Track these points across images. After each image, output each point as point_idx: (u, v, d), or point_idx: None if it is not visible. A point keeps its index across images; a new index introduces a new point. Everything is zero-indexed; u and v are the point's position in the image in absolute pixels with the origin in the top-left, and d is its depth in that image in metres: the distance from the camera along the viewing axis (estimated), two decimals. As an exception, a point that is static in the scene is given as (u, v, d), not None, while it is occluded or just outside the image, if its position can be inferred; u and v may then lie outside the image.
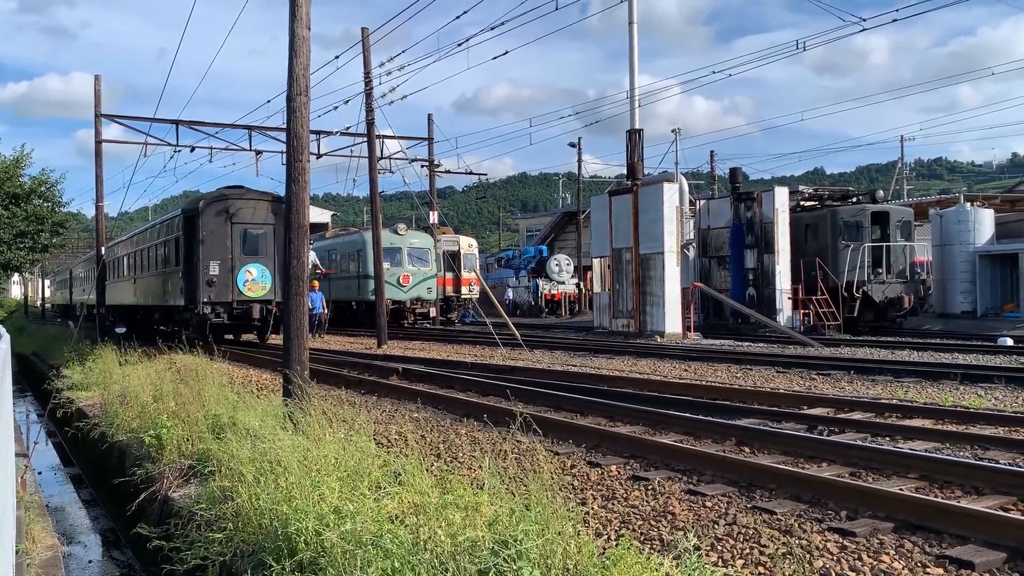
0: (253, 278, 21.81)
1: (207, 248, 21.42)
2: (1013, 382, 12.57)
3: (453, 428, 10.02)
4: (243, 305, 21.69)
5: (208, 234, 21.47)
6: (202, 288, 21.21)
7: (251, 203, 22.24)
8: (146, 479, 9.01)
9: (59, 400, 16.16)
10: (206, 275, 21.24)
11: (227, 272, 21.55)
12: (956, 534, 5.39)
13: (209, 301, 21.31)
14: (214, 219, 21.65)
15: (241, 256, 21.84)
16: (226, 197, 22.23)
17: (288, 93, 10.61)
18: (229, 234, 21.76)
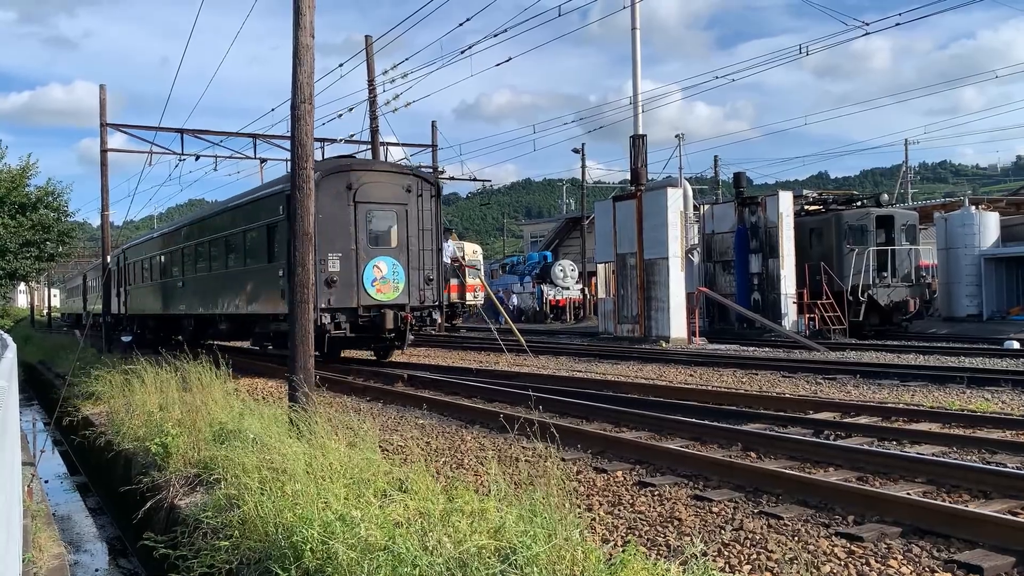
0: (383, 275, 16.99)
1: (325, 236, 16.24)
2: (1020, 385, 12.53)
3: (459, 434, 10.01)
4: (371, 311, 16.86)
5: (325, 217, 16.03)
6: (320, 290, 16.13)
7: (379, 176, 17.39)
8: (152, 487, 9.02)
9: (66, 408, 16.19)
10: (324, 272, 16.17)
11: (351, 268, 16.56)
12: (964, 538, 5.36)
13: (329, 307, 16.25)
14: (332, 197, 16.42)
15: (368, 247, 16.86)
16: (348, 168, 17.09)
17: (292, 101, 10.65)
18: (352, 217, 16.63)
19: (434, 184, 17.90)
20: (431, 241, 17.62)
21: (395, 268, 17.17)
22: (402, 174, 17.85)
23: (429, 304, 17.54)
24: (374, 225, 17.19)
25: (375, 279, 16.92)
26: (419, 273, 17.37)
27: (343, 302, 16.49)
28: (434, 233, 17.72)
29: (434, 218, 17.74)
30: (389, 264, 17.11)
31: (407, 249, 17.30)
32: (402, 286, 17.21)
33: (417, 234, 17.42)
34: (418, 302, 17.26)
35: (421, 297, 17.34)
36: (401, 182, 17.47)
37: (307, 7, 10.48)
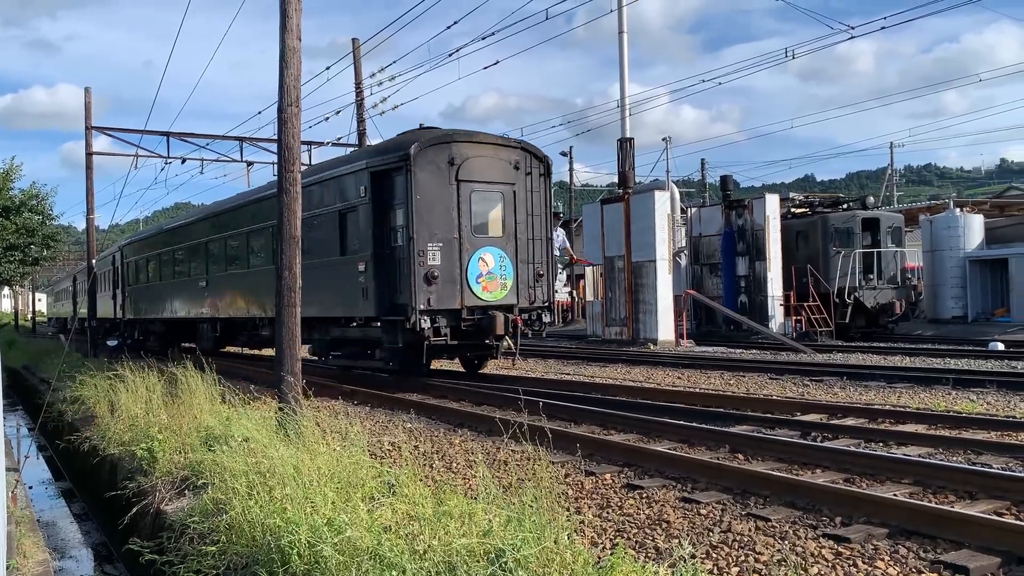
0: (489, 270, 14.22)
1: (424, 221, 13.54)
2: (1005, 386, 12.62)
3: (447, 438, 9.99)
4: (476, 314, 14.09)
5: (423, 199, 13.57)
6: (418, 287, 13.36)
7: (484, 150, 14.59)
8: (138, 492, 8.96)
9: (50, 413, 16.08)
10: (423, 266, 13.45)
11: (453, 261, 13.86)
12: (950, 539, 5.39)
13: (428, 308, 13.46)
14: (431, 174, 13.79)
15: (471, 236, 14.17)
16: (449, 139, 14.23)
17: (279, 104, 10.62)
18: (455, 199, 13.91)
19: (543, 160, 15.29)
20: (541, 229, 15.17)
21: (502, 261, 14.49)
22: (509, 147, 14.95)
23: (539, 304, 15.04)
24: (478, 209, 14.40)
25: (480, 274, 14.18)
26: (528, 267, 14.82)
27: (445, 302, 13.72)
28: (544, 219, 15.24)
29: (544, 201, 15.31)
30: (496, 256, 14.38)
31: (515, 238, 14.63)
32: (510, 283, 14.52)
33: (526, 220, 14.82)
34: (527, 302, 14.77)
35: (530, 296, 14.87)
36: (508, 157, 14.71)
37: (294, 10, 10.47)
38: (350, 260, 14.87)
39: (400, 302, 13.81)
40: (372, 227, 14.26)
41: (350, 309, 15.04)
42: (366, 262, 14.30)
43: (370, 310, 14.35)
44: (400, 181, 13.80)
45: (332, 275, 15.38)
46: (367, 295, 14.28)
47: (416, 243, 13.45)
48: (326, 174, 16.31)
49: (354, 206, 14.84)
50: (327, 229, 15.77)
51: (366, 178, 14.35)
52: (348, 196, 15.07)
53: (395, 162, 13.91)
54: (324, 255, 15.71)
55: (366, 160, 14.63)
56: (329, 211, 15.76)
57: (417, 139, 13.80)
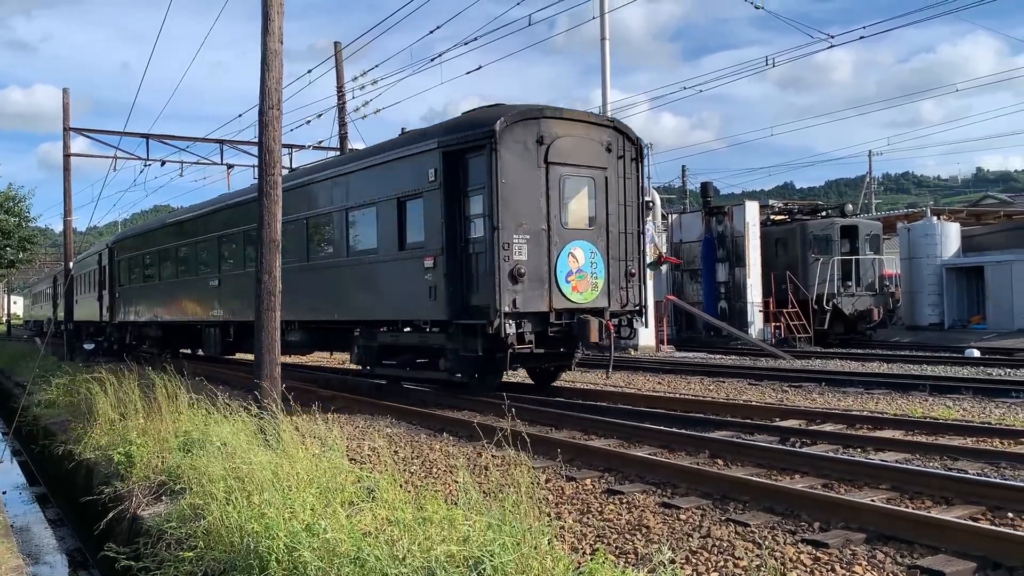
0: (579, 268, 12.43)
1: (509, 210, 11.67)
2: (980, 393, 12.75)
3: (427, 443, 9.96)
4: (564, 318, 12.28)
5: (509, 184, 11.71)
6: (502, 286, 11.49)
7: (574, 128, 12.68)
8: (115, 497, 8.87)
9: (25, 418, 15.89)
10: (508, 261, 11.61)
11: (541, 257, 12.02)
12: (927, 544, 5.43)
13: (514, 311, 11.63)
14: (518, 155, 11.92)
15: (561, 228, 12.31)
16: (538, 114, 12.29)
17: (260, 107, 10.57)
18: (543, 185, 12.10)
19: (636, 142, 13.47)
20: (633, 220, 13.38)
21: (593, 257, 12.63)
22: (601, 126, 13.21)
23: (630, 308, 13.29)
24: (568, 196, 12.56)
25: (570, 272, 12.30)
26: (620, 265, 13.05)
27: (531, 304, 11.89)
28: (636, 210, 13.45)
29: (636, 189, 13.50)
30: (586, 252, 12.55)
31: (606, 231, 12.87)
32: (601, 283, 12.68)
33: (617, 211, 13.05)
34: (618, 305, 12.98)
35: (621, 298, 13.08)
36: (600, 137, 12.92)
37: (276, 12, 10.44)
38: (412, 256, 12.96)
39: (477, 303, 11.99)
40: (444, 216, 12.22)
41: (410, 311, 13.12)
42: (435, 257, 12.33)
43: (439, 313, 12.34)
44: (480, 162, 11.92)
45: (384, 274, 13.75)
46: (435, 295, 12.30)
47: (500, 235, 11.52)
48: (375, 159, 14.23)
49: (417, 193, 12.88)
50: (378, 221, 13.89)
51: (437, 159, 12.35)
52: (410, 181, 13.10)
53: (475, 140, 11.90)
54: (372, 251, 14.07)
55: (437, 139, 12.53)
56: (381, 201, 13.78)
57: (501, 114, 11.87)
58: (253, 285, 17.20)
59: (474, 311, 12.02)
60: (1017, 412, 11.07)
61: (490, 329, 11.51)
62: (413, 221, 13.18)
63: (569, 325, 12.30)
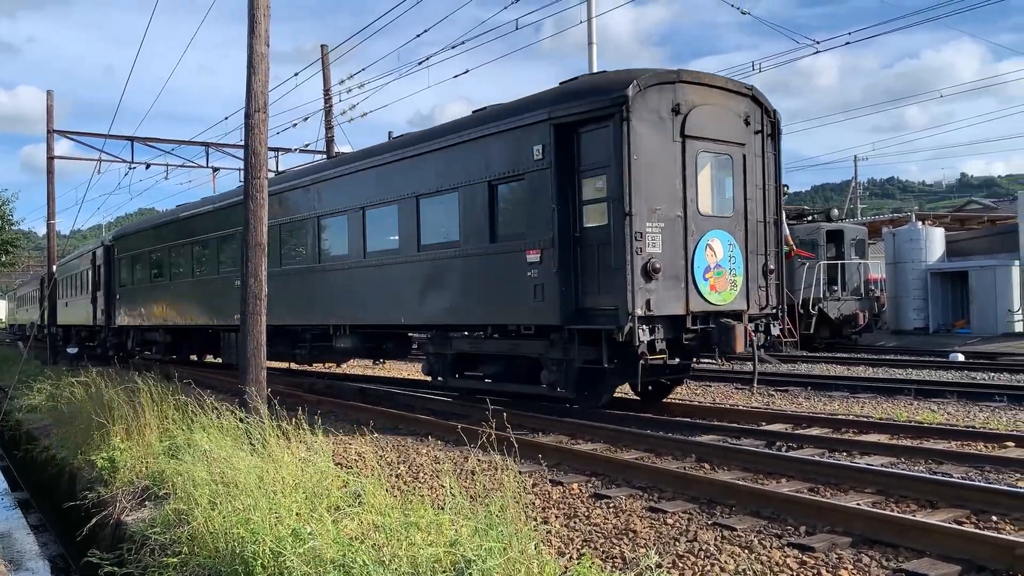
0: (717, 262, 10.68)
1: (642, 193, 9.88)
2: (965, 397, 12.83)
3: (414, 448, 9.93)
4: (700, 322, 10.55)
5: (642, 160, 9.89)
6: (635, 283, 9.75)
7: (712, 96, 10.82)
8: (98, 503, 8.80)
9: (7, 423, 15.76)
10: (640, 254, 9.84)
11: (676, 249, 10.27)
12: (912, 548, 5.45)
13: (647, 313, 9.87)
14: (651, 125, 10.09)
15: (698, 215, 10.50)
16: (675, 78, 10.41)
17: (246, 110, 10.54)
18: (679, 163, 10.31)
19: (772, 115, 11.53)
20: (771, 208, 11.58)
21: (731, 250, 10.82)
22: (740, 95, 11.17)
23: (768, 311, 11.47)
24: (705, 177, 10.73)
25: (708, 268, 10.55)
26: (758, 260, 11.30)
27: (666, 305, 10.09)
28: (775, 195, 11.64)
29: (774, 172, 11.61)
30: (724, 243, 10.74)
31: (744, 219, 11.06)
32: (740, 281, 10.92)
33: (755, 196, 11.24)
34: (757, 307, 11.27)
35: (759, 299, 11.34)
36: (738, 107, 11.06)
37: (262, 15, 10.41)
38: (508, 249, 11.16)
39: (593, 305, 10.28)
40: (556, 201, 10.41)
41: (505, 314, 11.39)
42: (543, 250, 10.56)
43: (547, 316, 10.59)
44: (603, 136, 10.09)
45: (468, 271, 11.97)
46: (542, 295, 10.55)
47: (633, 222, 9.71)
48: (456, 137, 12.19)
49: (517, 175, 11.06)
50: (460, 210, 12.04)
51: (546, 134, 10.49)
52: (506, 161, 11.23)
53: (600, 109, 10.06)
54: (452, 245, 12.25)
55: (548, 109, 10.59)
56: (464, 185, 11.91)
57: (632, 77, 10.01)
58: (291, 285, 16.14)
59: (591, 314, 10.29)
60: (1001, 416, 11.14)
61: (619, 336, 9.69)
62: (510, 208, 11.44)
63: (706, 331, 10.50)
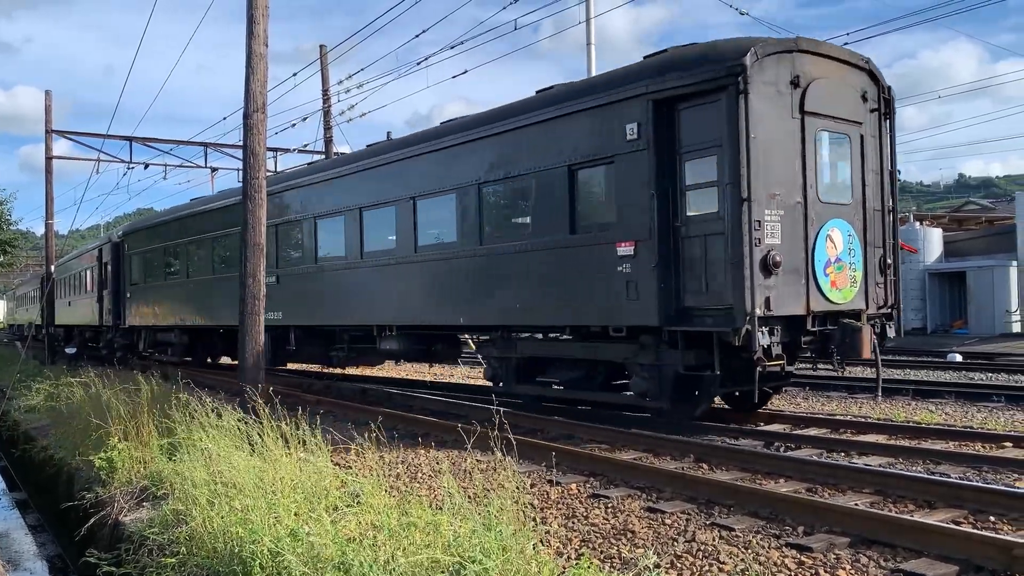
0: (837, 255, 9.61)
1: (760, 176, 8.84)
2: (963, 397, 12.86)
3: (412, 448, 9.94)
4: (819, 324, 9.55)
5: (760, 140, 8.85)
6: (754, 279, 8.68)
7: (830, 69, 9.80)
8: (96, 503, 8.80)
9: (5, 423, 15.75)
10: (759, 245, 8.83)
11: (796, 240, 9.26)
12: (910, 548, 5.46)
13: (767, 313, 8.86)
14: (769, 100, 9.06)
15: (818, 202, 9.48)
16: (793, 46, 9.39)
17: (245, 110, 10.55)
18: (799, 142, 9.34)
19: (887, 91, 10.51)
20: (887, 195, 10.60)
21: (851, 242, 9.81)
22: (857, 68, 10.16)
23: (885, 310, 10.50)
24: (824, 159, 9.75)
25: (828, 262, 9.51)
26: (875, 253, 10.29)
27: (786, 304, 9.07)
28: (891, 181, 10.62)
29: (890, 154, 10.62)
30: (844, 234, 9.73)
31: (863, 207, 10.06)
32: (859, 277, 9.90)
33: (872, 182, 10.24)
34: (874, 306, 10.26)
35: (877, 297, 10.34)
36: (855, 82, 10.10)
37: (261, 16, 10.42)
38: (593, 241, 10.14)
39: (702, 304, 9.21)
40: (655, 186, 9.35)
41: (587, 314, 10.30)
42: (638, 242, 9.50)
43: (643, 315, 9.52)
44: (715, 111, 9.04)
45: (543, 265, 10.82)
46: (636, 292, 9.50)
47: (752, 210, 8.67)
48: (524, 118, 11.13)
49: (605, 158, 9.96)
50: (534, 198, 10.99)
51: (643, 110, 9.46)
52: (591, 143, 10.15)
53: (711, 81, 9.00)
54: (523, 237, 11.18)
55: (645, 83, 9.50)
56: (539, 171, 10.82)
57: (748, 45, 8.96)
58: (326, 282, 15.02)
59: (694, 315, 9.28)
60: (998, 416, 11.16)
61: (735, 339, 8.63)
62: (595, 196, 10.47)
63: (824, 333, 9.51)
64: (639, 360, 9.97)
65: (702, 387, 9.86)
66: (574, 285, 10.42)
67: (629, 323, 9.83)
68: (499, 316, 11.61)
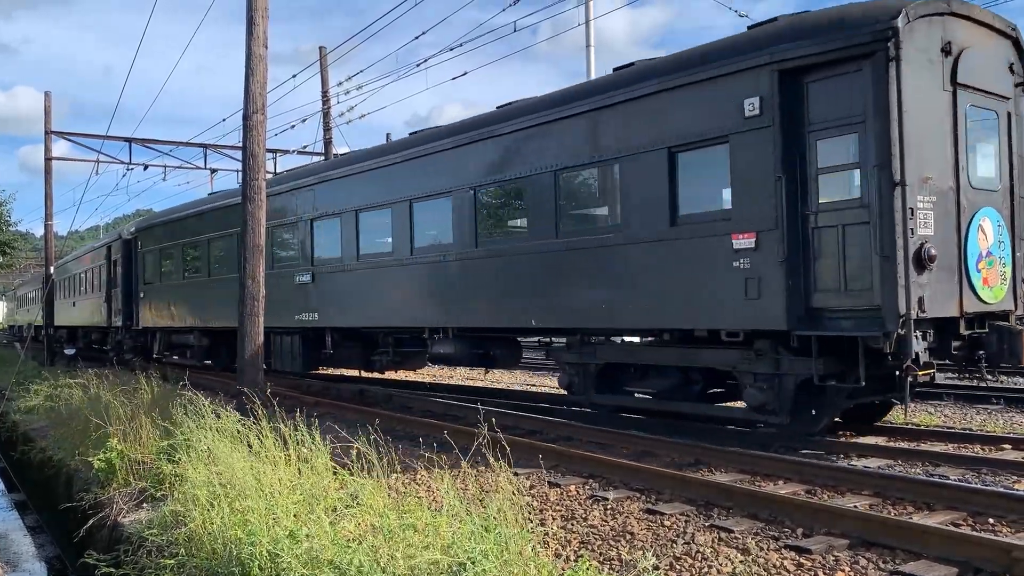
0: (988, 249, 8.63)
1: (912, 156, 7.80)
2: (961, 399, 12.85)
3: (412, 450, 9.93)
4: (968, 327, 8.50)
5: (911, 115, 7.77)
6: (908, 275, 7.67)
7: (980, 36, 8.80)
8: (95, 504, 8.79)
9: (4, 424, 15.75)
10: (914, 236, 7.80)
11: (949, 231, 8.28)
12: (909, 550, 5.46)
13: (920, 315, 7.77)
14: (920, 71, 8.05)
15: (970, 187, 8.52)
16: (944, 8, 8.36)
17: (244, 111, 10.55)
18: (950, 119, 8.38)
19: None
20: None
21: (1000, 233, 8.82)
22: (1004, 35, 9.06)
23: None
24: (974, 138, 8.71)
25: (980, 256, 8.51)
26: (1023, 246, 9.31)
27: (938, 305, 8.02)
28: None
29: None
30: (994, 224, 8.73)
31: (1010, 194, 9.08)
32: (1008, 273, 8.90)
33: (1019, 165, 9.20)
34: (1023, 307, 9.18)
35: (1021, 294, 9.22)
36: (1002, 52, 9.07)
37: (260, 17, 10.43)
38: (702, 233, 8.97)
39: (838, 305, 8.12)
40: (782, 169, 8.24)
41: (692, 315, 9.15)
42: (759, 233, 8.40)
43: (768, 318, 8.39)
44: (857, 82, 7.98)
45: (636, 260, 9.65)
46: (757, 291, 8.40)
47: (906, 195, 7.66)
48: (609, 96, 9.97)
49: (717, 137, 8.83)
50: (624, 184, 9.85)
51: (765, 82, 8.36)
52: (697, 121, 9.01)
53: (853, 47, 7.94)
54: (611, 228, 10.12)
55: (768, 51, 8.44)
56: (632, 154, 9.67)
57: (899, 5, 7.86)
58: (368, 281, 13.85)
59: (827, 317, 8.21)
60: (997, 418, 11.16)
61: (887, 345, 7.63)
62: (703, 181, 9.36)
63: (977, 338, 8.46)
64: (755, 368, 8.76)
65: (825, 399, 8.65)
66: (673, 283, 9.29)
67: (747, 326, 8.67)
68: (577, 318, 10.49)
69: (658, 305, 9.46)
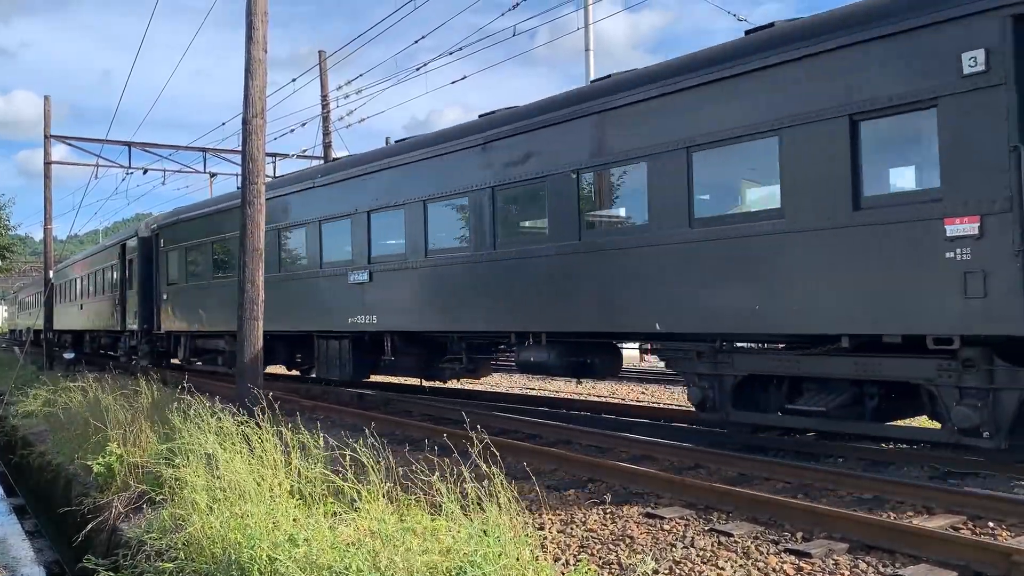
0: None
1: None
2: (961, 403, 12.80)
3: (410, 455, 9.92)
4: None
5: None
6: None
7: None
8: (94, 508, 8.78)
9: (3, 428, 15.74)
10: None
11: None
12: (908, 553, 5.46)
13: None
14: None
15: None
16: None
17: (244, 115, 10.56)
18: None
19: None
20: None
21: None
22: None
23: None
24: None
25: None
26: None
27: None
28: None
29: None
30: None
31: None
32: None
33: None
34: None
35: None
36: None
37: (260, 21, 10.44)
38: (899, 217, 7.42)
39: None
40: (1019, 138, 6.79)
41: (884, 317, 7.57)
42: (984, 217, 6.91)
43: (999, 320, 6.89)
44: None
45: (807, 250, 8.06)
46: (983, 288, 6.94)
47: None
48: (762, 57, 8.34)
49: (922, 101, 7.25)
50: (781, 160, 8.22)
51: (992, 32, 6.87)
52: (893, 82, 7.40)
53: None
54: (759, 215, 8.54)
55: None
56: (789, 125, 8.12)
57: None
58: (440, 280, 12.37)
59: None
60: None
61: None
62: (901, 154, 8.06)
63: None
64: (962, 382, 7.28)
65: None
66: (854, 279, 7.72)
67: (966, 331, 7.11)
68: (713, 321, 8.94)
69: (837, 304, 7.89)
